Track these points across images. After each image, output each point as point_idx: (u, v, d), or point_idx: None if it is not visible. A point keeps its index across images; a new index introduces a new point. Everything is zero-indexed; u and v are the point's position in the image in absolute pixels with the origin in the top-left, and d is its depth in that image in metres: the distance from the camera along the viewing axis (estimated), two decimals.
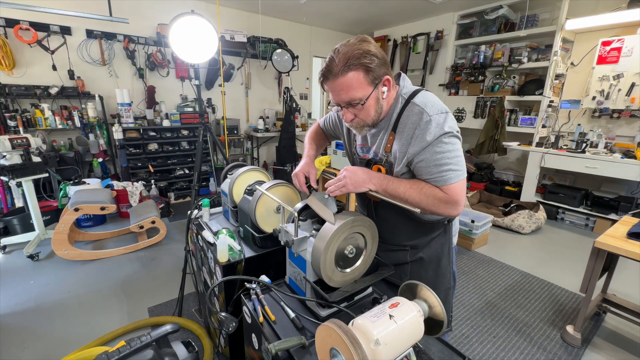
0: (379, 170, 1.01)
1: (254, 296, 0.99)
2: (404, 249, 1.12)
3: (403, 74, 1.01)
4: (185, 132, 4.28)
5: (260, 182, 1.44)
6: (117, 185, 3.57)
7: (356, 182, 0.93)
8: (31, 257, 2.67)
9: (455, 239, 1.17)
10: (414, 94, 0.95)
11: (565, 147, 3.83)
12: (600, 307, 2.11)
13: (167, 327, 0.99)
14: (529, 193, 3.99)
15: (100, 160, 3.89)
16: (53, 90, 3.49)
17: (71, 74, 3.68)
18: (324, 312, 0.91)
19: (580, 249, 3.18)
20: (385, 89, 0.91)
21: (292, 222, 0.95)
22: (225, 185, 1.57)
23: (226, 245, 1.23)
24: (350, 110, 0.93)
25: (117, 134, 3.70)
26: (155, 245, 3.02)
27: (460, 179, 0.90)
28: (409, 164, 0.94)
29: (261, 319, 0.92)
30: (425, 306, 0.74)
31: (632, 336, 2.00)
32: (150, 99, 4.20)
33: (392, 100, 0.97)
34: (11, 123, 3.26)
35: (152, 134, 4.05)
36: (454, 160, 0.89)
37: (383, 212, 1.11)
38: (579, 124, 3.86)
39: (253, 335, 0.99)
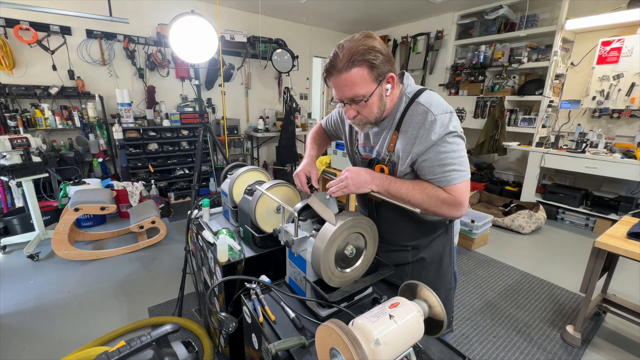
0: (382, 170, 0.99)
1: (254, 296, 0.99)
2: (405, 249, 1.11)
3: (407, 73, 1.00)
4: (185, 132, 4.28)
5: (260, 182, 1.44)
6: (117, 185, 3.57)
7: (358, 182, 0.92)
8: (31, 257, 2.67)
9: (456, 239, 1.17)
10: (418, 93, 0.94)
11: (565, 147, 3.83)
12: (600, 307, 2.11)
13: (167, 327, 0.99)
14: (529, 193, 3.99)
15: (100, 160, 3.89)
16: (53, 90, 3.49)
17: (71, 74, 3.68)
18: (324, 312, 0.91)
19: (580, 249, 3.17)
20: (389, 86, 0.90)
21: (292, 222, 0.95)
22: (225, 185, 1.57)
23: (226, 245, 1.23)
24: (354, 107, 0.93)
25: (117, 134, 3.70)
26: (155, 245, 3.02)
27: (464, 180, 0.89)
28: (412, 164, 0.93)
29: (261, 319, 0.92)
30: (425, 306, 0.74)
31: (632, 336, 2.00)
32: (150, 99, 4.20)
33: (396, 99, 0.96)
34: (11, 123, 3.26)
35: (152, 134, 4.05)
36: (458, 160, 0.88)
37: (384, 212, 1.10)
38: (579, 124, 3.87)
39: (253, 335, 0.99)
